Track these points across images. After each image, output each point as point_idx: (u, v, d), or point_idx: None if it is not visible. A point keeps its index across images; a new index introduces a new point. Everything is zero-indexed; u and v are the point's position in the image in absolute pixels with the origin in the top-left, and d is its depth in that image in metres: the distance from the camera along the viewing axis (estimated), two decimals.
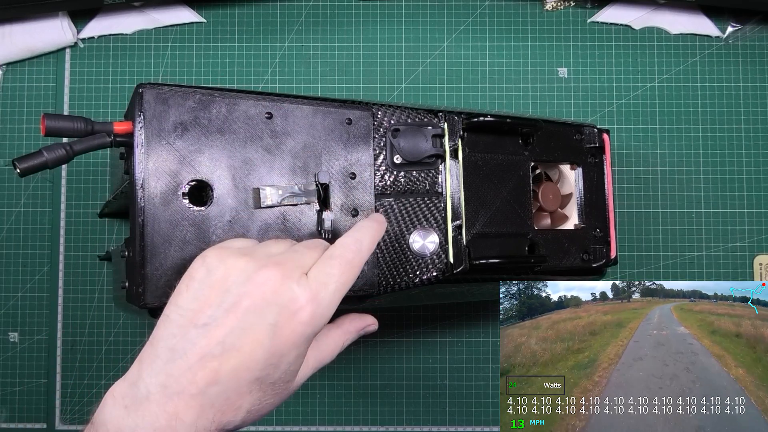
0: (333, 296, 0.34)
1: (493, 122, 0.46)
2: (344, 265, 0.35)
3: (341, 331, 0.39)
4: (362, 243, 0.36)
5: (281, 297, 0.32)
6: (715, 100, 0.62)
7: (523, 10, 0.63)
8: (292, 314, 0.32)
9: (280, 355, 0.32)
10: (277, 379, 0.33)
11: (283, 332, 0.32)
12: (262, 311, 0.32)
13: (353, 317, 0.40)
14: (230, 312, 0.32)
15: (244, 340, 0.31)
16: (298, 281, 0.33)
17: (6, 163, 0.61)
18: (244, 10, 0.62)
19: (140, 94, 0.38)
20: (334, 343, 0.38)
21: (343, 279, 0.34)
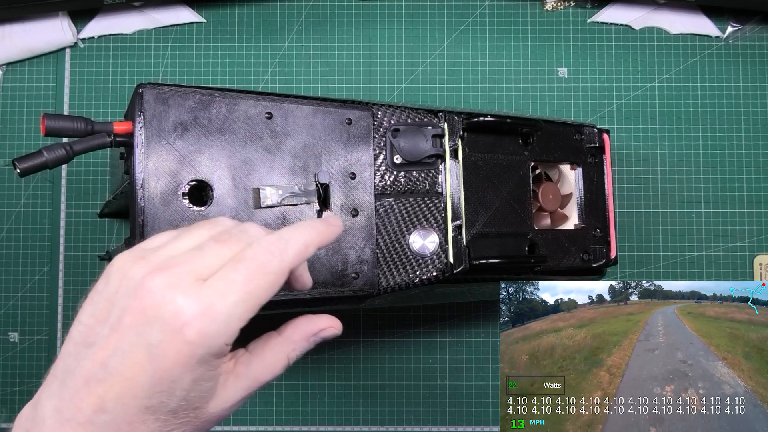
0: (233, 309, 0.27)
1: (493, 122, 0.46)
2: (254, 270, 0.28)
3: (283, 340, 0.33)
4: (289, 244, 0.30)
5: (162, 311, 0.27)
6: (715, 100, 0.62)
7: (523, 10, 0.63)
8: (175, 332, 0.27)
9: (169, 381, 0.27)
10: (176, 408, 0.28)
11: (167, 354, 0.27)
12: (143, 329, 0.27)
13: (299, 321, 0.33)
14: (114, 330, 0.27)
15: (126, 364, 0.27)
16: (186, 291, 0.27)
17: (6, 163, 0.61)
18: (244, 10, 0.62)
19: (140, 94, 0.38)
20: (275, 357, 0.32)
21: (251, 287, 0.28)
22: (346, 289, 0.42)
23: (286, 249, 0.29)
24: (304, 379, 0.60)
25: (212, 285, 0.28)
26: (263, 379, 0.31)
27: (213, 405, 0.29)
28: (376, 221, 0.43)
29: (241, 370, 0.31)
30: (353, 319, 0.61)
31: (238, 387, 0.30)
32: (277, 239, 0.29)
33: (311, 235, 0.31)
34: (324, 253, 0.42)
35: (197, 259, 0.28)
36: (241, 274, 0.28)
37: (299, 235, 0.30)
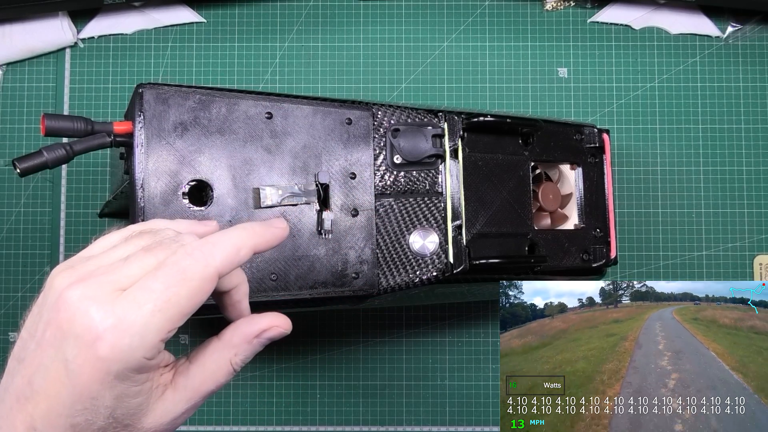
0: (149, 320, 0.26)
1: (493, 122, 0.46)
2: (173, 278, 0.26)
3: (222, 346, 0.30)
4: (216, 247, 0.28)
5: (76, 325, 0.25)
6: (715, 100, 0.62)
7: (523, 10, 0.63)
8: (88, 347, 0.25)
9: (89, 398, 0.26)
10: (104, 426, 0.27)
11: (83, 370, 0.25)
12: (60, 344, 0.26)
13: (239, 323, 0.31)
14: (39, 345, 0.26)
15: (47, 380, 0.26)
16: (101, 303, 0.26)
17: (6, 163, 0.61)
18: (244, 10, 0.62)
19: (140, 94, 0.38)
20: (216, 365, 0.30)
21: (169, 296, 0.26)
22: (346, 289, 0.42)
23: (213, 253, 0.27)
24: (304, 379, 0.60)
25: (128, 295, 0.26)
26: (205, 389, 0.29)
27: (149, 421, 0.28)
28: (376, 221, 0.43)
29: (180, 381, 0.29)
30: (353, 319, 0.61)
31: (177, 400, 0.29)
32: (203, 243, 0.28)
33: (243, 237, 0.29)
34: (324, 253, 0.42)
35: (120, 269, 0.27)
36: (160, 282, 0.26)
37: (229, 239, 0.28)
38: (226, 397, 0.60)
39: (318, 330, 0.61)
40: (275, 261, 0.40)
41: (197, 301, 0.27)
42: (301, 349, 0.60)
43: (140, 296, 0.26)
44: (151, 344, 0.26)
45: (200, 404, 0.30)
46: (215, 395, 0.59)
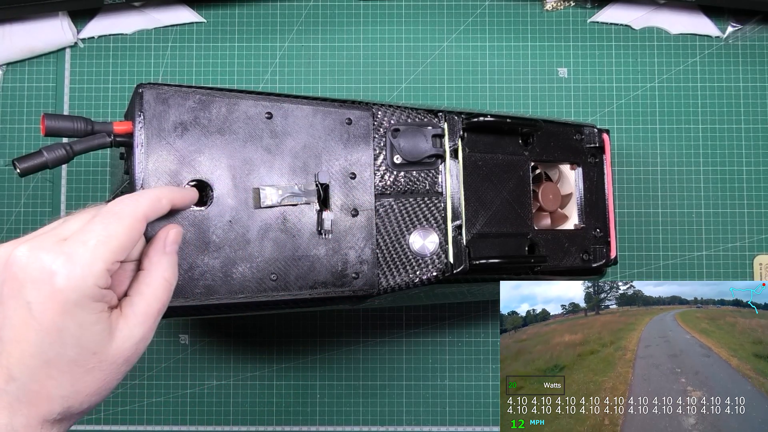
0: (94, 251, 0.30)
1: (493, 122, 0.46)
2: (109, 218, 0.31)
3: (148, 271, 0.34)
4: (141, 195, 0.34)
5: (30, 271, 0.30)
6: (715, 100, 0.62)
7: (523, 10, 0.63)
8: (46, 284, 0.30)
9: (57, 331, 0.30)
10: (75, 356, 0.30)
11: (45, 306, 0.30)
12: (18, 293, 0.30)
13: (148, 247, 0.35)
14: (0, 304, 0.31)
15: (14, 329, 0.30)
16: (49, 249, 0.30)
17: (6, 163, 0.61)
18: (244, 10, 0.62)
19: (140, 94, 0.38)
20: (151, 287, 0.34)
21: (108, 231, 0.31)
22: (346, 289, 0.42)
23: (138, 198, 0.33)
24: (304, 379, 0.60)
25: (73, 238, 0.31)
26: (153, 309, 0.33)
27: (114, 347, 0.32)
28: (376, 221, 0.43)
29: (127, 311, 0.33)
30: (353, 319, 0.61)
31: (132, 325, 0.32)
32: (131, 194, 0.34)
33: (163, 191, 0.35)
34: (324, 253, 0.42)
35: (60, 227, 0.32)
36: (98, 224, 0.31)
37: (152, 190, 0.35)
38: (226, 397, 0.60)
39: (318, 330, 0.61)
40: (275, 261, 0.40)
41: (132, 236, 0.32)
42: (301, 349, 0.60)
43: (83, 236, 0.31)
44: (99, 271, 0.30)
45: (155, 326, 0.34)
46: (215, 395, 0.59)
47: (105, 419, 0.60)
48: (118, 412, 0.60)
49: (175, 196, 0.36)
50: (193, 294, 0.38)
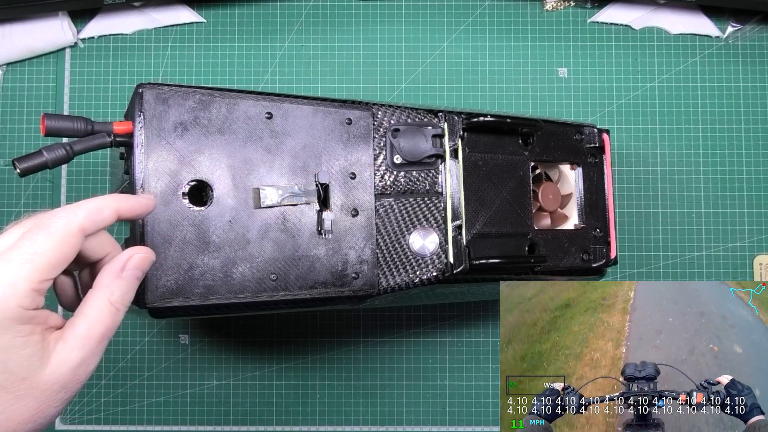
0: (17, 270, 0.28)
1: (493, 122, 0.46)
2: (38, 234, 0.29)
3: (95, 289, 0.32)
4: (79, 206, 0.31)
5: None
6: (715, 100, 0.62)
7: (523, 10, 0.63)
8: None
9: None
10: (3, 381, 0.29)
11: None
12: None
13: (106, 265, 0.33)
14: None
15: None
16: None
17: (6, 163, 0.61)
18: (244, 10, 0.62)
19: (140, 94, 0.38)
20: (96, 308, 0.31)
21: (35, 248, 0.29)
22: (346, 289, 0.42)
23: (75, 211, 0.30)
24: (304, 379, 0.60)
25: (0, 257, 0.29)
26: (94, 333, 0.31)
27: (47, 372, 0.29)
28: (376, 221, 0.43)
29: (68, 333, 0.30)
30: (353, 319, 0.61)
31: (70, 348, 0.30)
32: (68, 206, 0.31)
33: (107, 200, 0.32)
34: (324, 253, 0.42)
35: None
36: (26, 240, 0.29)
37: (93, 200, 0.32)
38: (226, 397, 0.60)
39: (318, 330, 0.61)
40: (275, 261, 0.40)
41: (63, 252, 0.30)
42: (301, 349, 0.60)
43: (10, 254, 0.29)
44: (23, 292, 0.29)
45: (99, 351, 0.31)
46: (215, 395, 0.59)
47: (105, 419, 0.60)
48: (118, 412, 0.60)
49: (122, 206, 0.33)
50: (193, 294, 0.38)
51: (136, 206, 0.34)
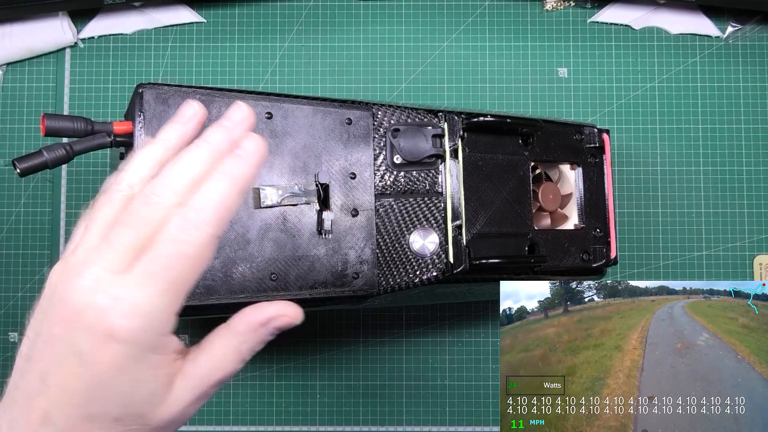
0: (157, 301, 0.26)
1: (493, 122, 0.46)
2: (171, 256, 0.26)
3: (230, 333, 0.30)
4: (204, 212, 0.27)
5: (86, 317, 0.26)
6: (715, 100, 0.62)
7: (523, 10, 0.63)
8: (103, 335, 0.26)
9: (106, 386, 0.26)
10: (120, 414, 0.27)
11: (99, 358, 0.26)
12: (71, 338, 0.26)
13: (246, 311, 0.31)
14: (47, 342, 0.27)
15: (60, 375, 0.26)
16: (105, 290, 0.26)
17: (6, 163, 0.61)
18: (244, 10, 0.62)
19: (140, 94, 0.38)
20: (223, 352, 0.30)
21: (172, 275, 0.26)
22: (346, 289, 0.42)
23: (205, 220, 0.27)
24: (304, 379, 0.60)
25: (132, 279, 0.26)
26: (214, 377, 0.29)
27: (162, 410, 0.28)
28: (376, 221, 0.43)
29: (189, 369, 0.29)
30: (353, 319, 0.61)
31: (186, 387, 0.29)
32: (190, 211, 0.27)
33: (226, 190, 0.27)
34: (324, 253, 0.42)
35: (107, 253, 0.27)
36: (158, 264, 0.26)
37: (213, 196, 0.27)
38: (226, 397, 0.60)
39: (318, 330, 0.61)
40: (275, 261, 0.40)
41: (199, 271, 0.27)
42: (301, 349, 0.60)
43: (142, 279, 0.26)
44: (164, 321, 0.27)
45: (211, 393, 0.30)
46: (214, 395, 0.59)
47: None
48: None
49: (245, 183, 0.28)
50: (193, 294, 0.38)
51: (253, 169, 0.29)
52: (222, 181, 0.28)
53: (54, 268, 0.28)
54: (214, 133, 0.29)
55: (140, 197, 0.28)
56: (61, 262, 0.28)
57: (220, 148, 0.28)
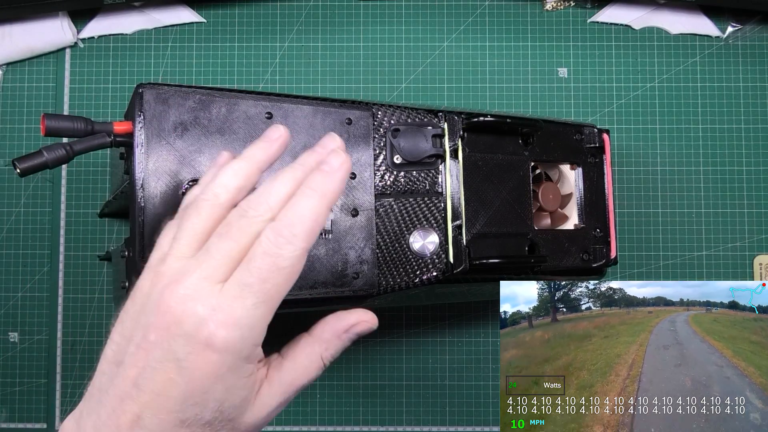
0: (254, 311, 0.27)
1: (493, 122, 0.46)
2: (267, 270, 0.28)
3: (313, 341, 0.32)
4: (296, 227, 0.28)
5: (186, 325, 0.27)
6: (715, 100, 0.62)
7: (523, 10, 0.63)
8: (201, 344, 0.27)
9: (201, 393, 0.27)
10: (211, 419, 0.28)
11: (196, 366, 0.27)
12: (169, 345, 0.27)
13: (329, 319, 0.33)
14: (141, 348, 0.28)
15: (156, 380, 0.27)
16: (204, 300, 0.27)
17: (6, 163, 0.61)
18: (244, 10, 0.62)
19: (140, 94, 0.38)
20: (308, 359, 0.32)
21: (267, 287, 0.28)
22: (346, 289, 0.42)
23: (297, 234, 0.28)
24: None
25: (229, 290, 0.27)
26: (298, 383, 0.31)
27: (249, 415, 0.29)
28: (376, 221, 0.43)
29: (274, 375, 0.31)
30: None
31: (272, 393, 0.30)
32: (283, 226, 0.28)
33: (315, 206, 0.29)
34: (324, 253, 0.42)
35: (206, 263, 0.28)
36: (255, 276, 0.28)
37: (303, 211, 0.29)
38: None
39: None
40: None
41: (292, 280, 0.28)
42: None
43: (240, 291, 0.27)
44: (259, 332, 0.28)
45: (292, 398, 0.31)
46: None
47: None
48: None
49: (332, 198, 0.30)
50: None
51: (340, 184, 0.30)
52: (311, 196, 0.29)
53: (142, 276, 0.29)
54: (306, 156, 0.31)
55: (237, 211, 0.29)
56: (149, 272, 0.29)
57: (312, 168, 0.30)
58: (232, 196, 0.30)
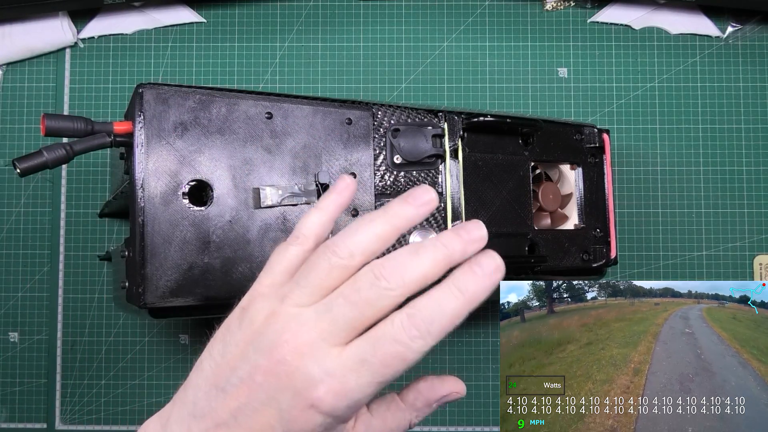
0: (366, 389, 0.27)
1: (493, 122, 0.46)
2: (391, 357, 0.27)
3: (406, 407, 0.32)
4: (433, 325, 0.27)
5: (297, 381, 0.27)
6: (715, 100, 0.62)
7: (523, 10, 0.63)
8: (307, 402, 0.27)
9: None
10: None
11: (297, 420, 0.27)
12: (275, 392, 0.27)
13: (422, 388, 0.33)
14: (244, 383, 0.28)
15: (255, 420, 0.28)
16: (320, 361, 0.27)
17: (6, 163, 0.61)
18: (244, 10, 0.62)
19: (140, 94, 0.38)
20: (396, 423, 0.32)
21: (385, 372, 0.27)
22: None
23: (432, 333, 0.28)
24: None
25: (348, 360, 0.27)
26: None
27: None
28: None
29: (360, 429, 0.31)
30: None
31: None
32: (420, 320, 0.27)
33: (459, 308, 0.28)
34: None
35: (329, 325, 0.28)
36: (378, 358, 0.27)
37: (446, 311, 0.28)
38: None
39: None
40: None
41: (409, 368, 0.28)
42: None
43: (359, 366, 0.27)
44: (362, 405, 0.28)
45: None
46: None
47: (105, 419, 0.60)
48: (118, 412, 0.60)
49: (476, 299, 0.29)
50: (193, 294, 0.38)
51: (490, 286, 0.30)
52: (458, 298, 0.28)
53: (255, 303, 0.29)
54: (451, 239, 0.29)
55: (368, 276, 0.28)
56: (263, 301, 0.29)
57: (454, 256, 0.29)
58: (366, 260, 0.29)
